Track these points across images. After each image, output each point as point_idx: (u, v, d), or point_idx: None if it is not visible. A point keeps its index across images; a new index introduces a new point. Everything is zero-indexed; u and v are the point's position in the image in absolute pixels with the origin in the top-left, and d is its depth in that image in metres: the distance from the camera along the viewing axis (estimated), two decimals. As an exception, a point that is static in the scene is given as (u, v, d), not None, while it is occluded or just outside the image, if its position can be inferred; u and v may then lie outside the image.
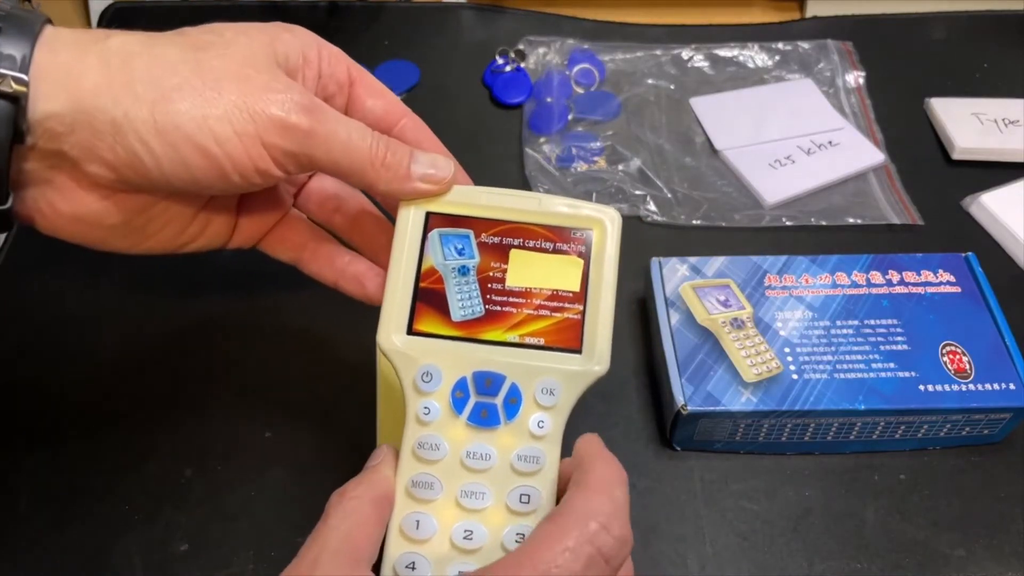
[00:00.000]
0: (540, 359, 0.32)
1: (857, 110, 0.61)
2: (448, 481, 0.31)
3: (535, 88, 0.62)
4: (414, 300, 0.32)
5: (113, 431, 0.44)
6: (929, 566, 0.40)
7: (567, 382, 0.31)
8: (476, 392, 0.31)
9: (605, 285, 0.33)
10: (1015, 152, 0.57)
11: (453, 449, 0.31)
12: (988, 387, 0.41)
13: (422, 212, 0.33)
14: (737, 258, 0.47)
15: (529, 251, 0.33)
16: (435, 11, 0.69)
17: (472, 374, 0.32)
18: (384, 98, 0.36)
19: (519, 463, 0.31)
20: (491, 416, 0.31)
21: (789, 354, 0.42)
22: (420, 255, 0.33)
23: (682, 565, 0.40)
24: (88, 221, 0.31)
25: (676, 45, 0.66)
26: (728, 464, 0.43)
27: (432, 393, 0.31)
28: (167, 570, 0.39)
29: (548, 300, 0.32)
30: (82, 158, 0.29)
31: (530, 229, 0.33)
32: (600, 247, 0.33)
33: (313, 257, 0.38)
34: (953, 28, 0.68)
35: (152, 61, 0.29)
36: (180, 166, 0.29)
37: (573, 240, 0.33)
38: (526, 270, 0.33)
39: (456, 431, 0.31)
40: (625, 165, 0.57)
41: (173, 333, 0.48)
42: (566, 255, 0.33)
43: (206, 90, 0.29)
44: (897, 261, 0.46)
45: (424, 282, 0.33)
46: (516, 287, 0.33)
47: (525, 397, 0.31)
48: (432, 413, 0.31)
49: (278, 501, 0.42)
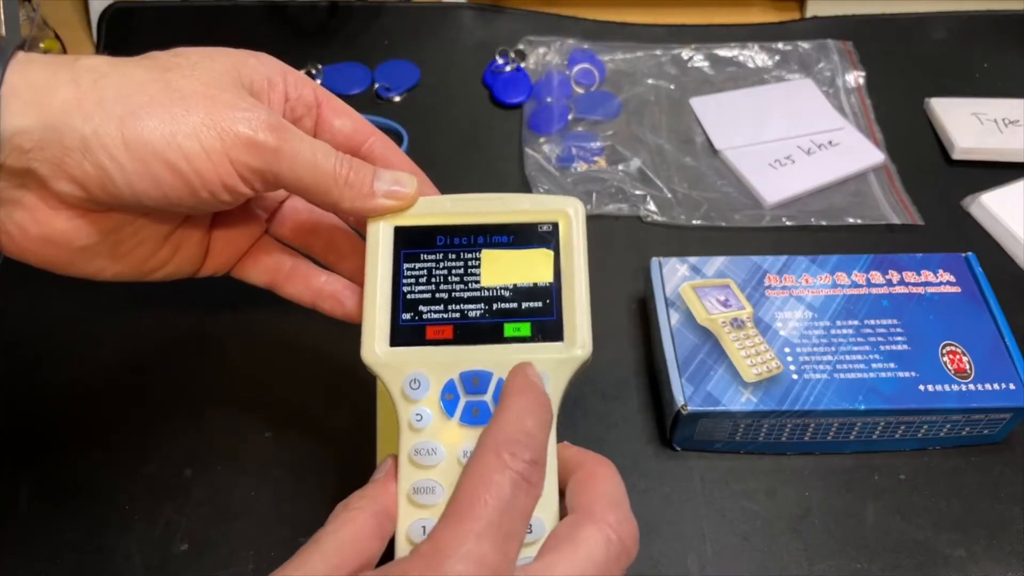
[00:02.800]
0: (524, 352, 0.32)
1: (857, 110, 0.61)
2: (449, 484, 0.31)
3: (535, 88, 0.62)
4: (393, 313, 0.33)
5: (113, 431, 0.44)
6: (929, 566, 0.40)
7: (553, 370, 0.32)
8: (465, 392, 0.32)
9: (577, 272, 0.33)
10: (1015, 152, 0.57)
11: (450, 451, 0.31)
12: (988, 387, 0.41)
13: (390, 227, 0.34)
14: (737, 258, 0.47)
15: (499, 249, 0.34)
16: (435, 11, 0.69)
17: (459, 375, 0.32)
18: (351, 117, 0.36)
19: None
20: (483, 413, 0.31)
21: (789, 354, 0.42)
22: (394, 267, 0.33)
23: (682, 565, 0.40)
24: (57, 242, 0.31)
25: (676, 45, 0.66)
26: (728, 464, 0.43)
27: (422, 400, 0.32)
28: (167, 570, 0.39)
29: (524, 294, 0.33)
30: (51, 175, 0.29)
31: (498, 228, 0.34)
32: (567, 236, 0.34)
33: (288, 279, 0.38)
34: (953, 28, 0.68)
35: (121, 80, 0.29)
36: (149, 182, 0.29)
37: (541, 234, 0.34)
38: (499, 268, 0.33)
39: (451, 433, 0.31)
40: (625, 165, 0.57)
41: (173, 333, 0.48)
42: (536, 248, 0.34)
43: (174, 107, 0.29)
44: (897, 261, 0.46)
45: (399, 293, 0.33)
46: (491, 285, 0.33)
47: None
48: (424, 419, 0.31)
49: (278, 501, 0.42)
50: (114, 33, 0.66)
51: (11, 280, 0.51)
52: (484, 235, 0.34)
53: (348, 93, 0.62)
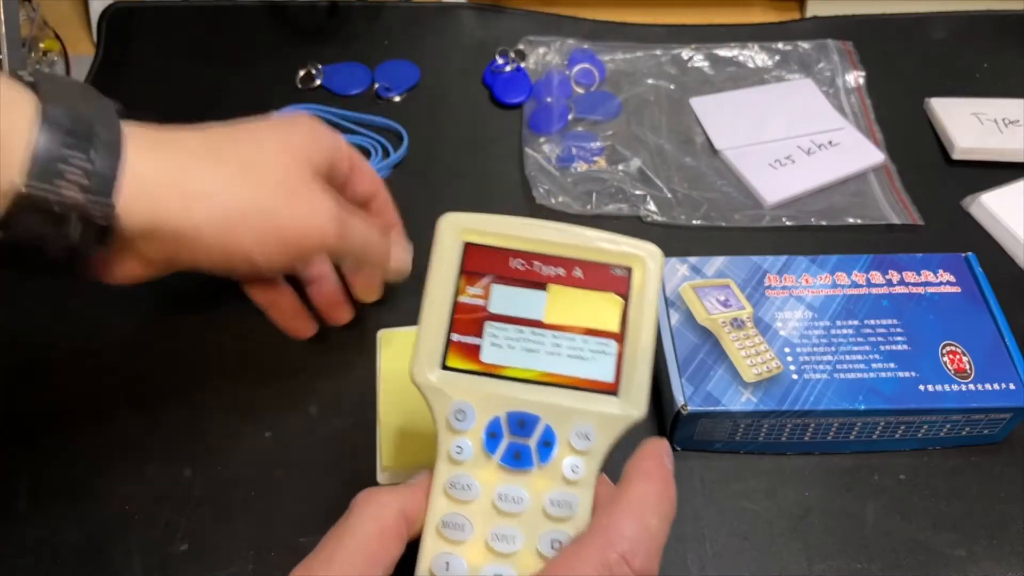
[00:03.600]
0: (575, 400, 0.31)
1: (857, 110, 0.61)
2: (479, 523, 0.30)
3: (535, 88, 0.62)
4: (448, 334, 0.32)
5: (113, 431, 0.44)
6: (929, 566, 0.40)
7: (603, 427, 0.30)
8: (510, 433, 0.31)
9: (645, 326, 0.31)
10: (1015, 152, 0.57)
11: (485, 490, 0.30)
12: (988, 387, 0.41)
13: (460, 243, 0.32)
14: (737, 258, 0.47)
15: (567, 286, 0.32)
16: (435, 11, 0.69)
17: (506, 414, 0.31)
18: (371, 181, 0.44)
19: (552, 508, 0.30)
20: (524, 458, 0.30)
21: (789, 354, 0.42)
22: (456, 286, 0.32)
23: (682, 565, 0.40)
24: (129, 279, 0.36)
25: (676, 45, 0.66)
26: (728, 464, 0.43)
27: (465, 432, 0.31)
28: (167, 570, 0.39)
29: (585, 338, 0.31)
30: (147, 250, 0.34)
31: (570, 262, 0.32)
32: (641, 285, 0.32)
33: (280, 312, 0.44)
34: (953, 28, 0.68)
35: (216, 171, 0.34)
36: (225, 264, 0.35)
37: (613, 277, 0.32)
38: (564, 306, 0.32)
39: (488, 472, 0.30)
40: (625, 165, 0.57)
41: (174, 333, 0.48)
42: (606, 292, 0.32)
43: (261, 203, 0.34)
44: (897, 261, 0.46)
45: (458, 315, 0.32)
46: (553, 323, 0.32)
47: (559, 440, 0.30)
48: (464, 452, 0.31)
49: (278, 501, 0.42)
50: (114, 33, 0.66)
51: (11, 281, 0.51)
52: (554, 267, 0.32)
53: (348, 93, 0.62)
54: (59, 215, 0.30)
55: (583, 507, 0.30)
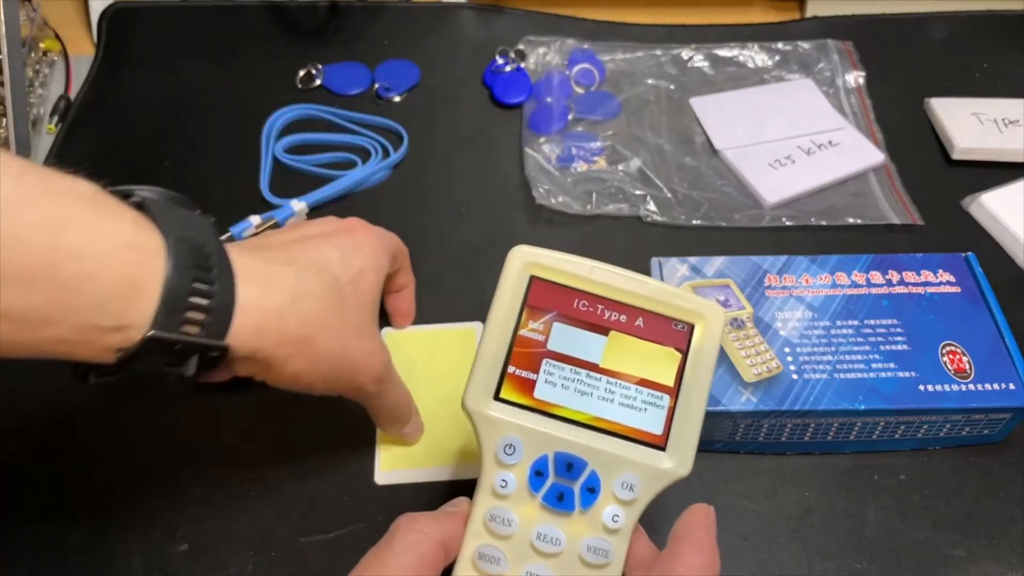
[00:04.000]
0: (623, 449, 0.31)
1: (857, 110, 0.61)
2: (514, 558, 0.30)
3: (535, 88, 0.62)
4: (505, 365, 0.32)
5: (113, 432, 0.44)
6: (929, 566, 0.40)
7: (647, 479, 0.31)
8: (555, 473, 0.31)
9: (700, 385, 0.32)
10: (1015, 152, 0.57)
11: (524, 527, 0.30)
12: (988, 387, 0.41)
13: (527, 276, 0.32)
14: (737, 258, 0.47)
15: (628, 334, 0.32)
16: (435, 11, 0.69)
17: (554, 454, 0.31)
18: (407, 275, 0.46)
19: (588, 554, 0.30)
20: (567, 500, 0.31)
21: (789, 354, 0.42)
22: (518, 319, 0.32)
23: (682, 565, 0.40)
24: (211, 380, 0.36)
25: (676, 45, 0.66)
26: (728, 464, 0.43)
27: (512, 466, 0.31)
28: (167, 570, 0.39)
29: (639, 388, 0.32)
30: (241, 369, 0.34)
31: (633, 311, 0.32)
32: (700, 343, 0.32)
33: None
34: (953, 28, 0.68)
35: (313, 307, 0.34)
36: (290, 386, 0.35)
37: (674, 332, 0.32)
38: (623, 354, 0.32)
39: (530, 509, 0.31)
40: (625, 165, 0.57)
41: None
42: (665, 346, 0.32)
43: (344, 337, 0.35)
44: (897, 261, 0.46)
45: (517, 348, 0.32)
46: (610, 369, 0.32)
47: (604, 487, 0.31)
48: (509, 487, 0.31)
49: (278, 501, 0.42)
50: (114, 33, 0.66)
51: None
52: (617, 313, 0.32)
53: (348, 93, 0.62)
54: (179, 353, 0.30)
55: (618, 556, 0.30)
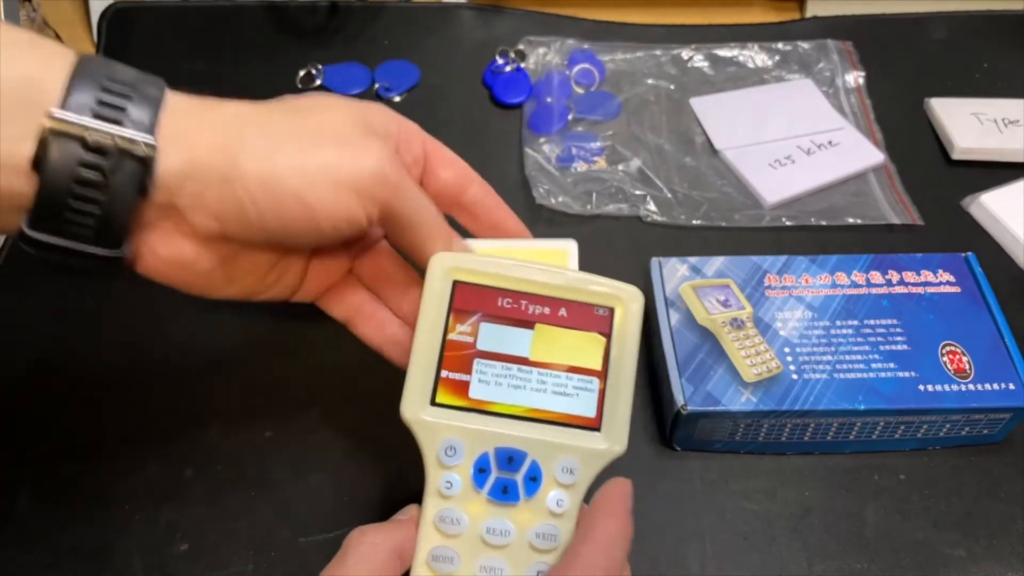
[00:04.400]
0: (560, 436, 0.32)
1: (857, 110, 0.61)
2: (467, 555, 0.31)
3: (535, 88, 0.62)
4: (438, 371, 0.33)
5: (113, 432, 0.44)
6: (929, 566, 0.40)
7: (586, 461, 0.32)
8: (497, 468, 0.32)
9: (626, 364, 0.33)
10: (1015, 152, 0.57)
11: (473, 524, 0.31)
12: (988, 387, 0.41)
13: (449, 281, 0.33)
14: (737, 258, 0.47)
15: (553, 325, 0.33)
16: (435, 11, 0.69)
17: (494, 450, 0.32)
18: (456, 167, 0.39)
19: (537, 540, 0.31)
20: (511, 492, 0.31)
21: (789, 354, 0.42)
22: (446, 324, 0.33)
23: (682, 565, 0.40)
24: (182, 265, 0.33)
25: (676, 45, 0.66)
26: (728, 464, 0.43)
27: (454, 467, 0.32)
28: (167, 570, 0.39)
29: (569, 375, 0.33)
30: (190, 208, 0.31)
31: (556, 302, 0.33)
32: (622, 325, 0.33)
33: (365, 320, 0.39)
34: (953, 28, 0.68)
35: (261, 122, 0.32)
36: (277, 215, 0.31)
37: (597, 317, 0.33)
38: (550, 345, 0.33)
39: (476, 506, 0.31)
40: (625, 165, 0.57)
41: (173, 334, 0.48)
42: (589, 332, 0.33)
43: (307, 147, 0.32)
44: (897, 261, 0.46)
45: (448, 352, 0.33)
46: (539, 361, 0.33)
47: (545, 475, 0.32)
48: (454, 487, 0.32)
49: (278, 501, 0.42)
50: (114, 33, 0.66)
51: (10, 282, 0.51)
52: (540, 306, 0.33)
53: (348, 93, 0.62)
54: (93, 148, 0.29)
55: (566, 538, 0.31)
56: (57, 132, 0.28)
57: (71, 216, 0.29)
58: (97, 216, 0.29)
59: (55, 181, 0.28)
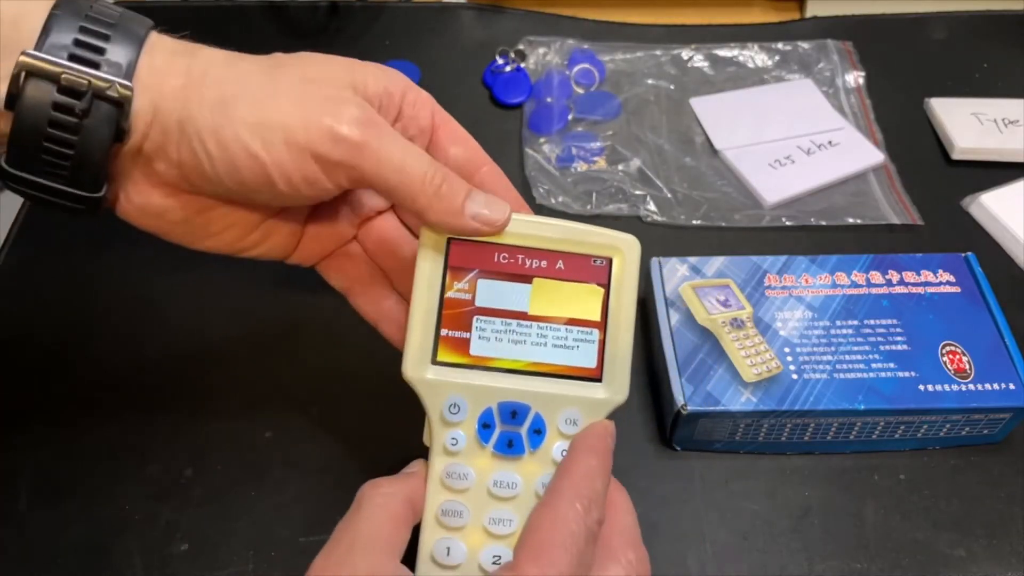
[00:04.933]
0: (562, 388, 0.32)
1: (857, 110, 0.61)
2: (476, 509, 0.31)
3: (535, 88, 0.62)
4: (437, 329, 0.32)
5: (113, 431, 0.44)
6: (929, 566, 0.40)
7: (588, 411, 0.32)
8: (501, 422, 0.32)
9: (625, 314, 0.33)
10: (1015, 152, 0.57)
11: (480, 478, 0.32)
12: (988, 387, 0.41)
13: (443, 240, 0.33)
14: (737, 258, 0.47)
15: (550, 278, 0.33)
16: (435, 11, 0.69)
17: (497, 405, 0.32)
18: (467, 145, 0.37)
19: (544, 491, 0.31)
20: (516, 446, 0.32)
21: (789, 354, 0.42)
22: (443, 283, 0.33)
23: (682, 565, 0.40)
24: (154, 214, 0.33)
25: (676, 45, 0.66)
26: (728, 464, 0.43)
27: (459, 424, 0.32)
28: (167, 570, 0.39)
29: (569, 328, 0.33)
30: (153, 155, 0.31)
31: (552, 255, 0.33)
32: (620, 275, 0.33)
33: (362, 292, 0.38)
34: (953, 28, 0.68)
35: (227, 71, 0.31)
36: (230, 168, 0.30)
37: (594, 268, 0.33)
38: (548, 299, 0.33)
39: (483, 460, 0.32)
40: (625, 165, 0.57)
41: (173, 333, 0.48)
42: (587, 283, 0.33)
43: (266, 99, 0.30)
44: (897, 261, 0.46)
45: (447, 310, 0.33)
46: (538, 315, 0.33)
47: (549, 427, 0.32)
48: (459, 443, 0.32)
49: (278, 501, 0.42)
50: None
51: (11, 282, 0.51)
52: (537, 260, 0.33)
53: (348, 93, 0.62)
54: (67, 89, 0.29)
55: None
56: (31, 72, 0.28)
57: (46, 156, 0.29)
58: (71, 157, 0.29)
59: (29, 121, 0.29)
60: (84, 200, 0.31)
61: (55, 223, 0.54)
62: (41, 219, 0.54)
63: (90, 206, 0.31)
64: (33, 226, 0.54)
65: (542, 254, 0.33)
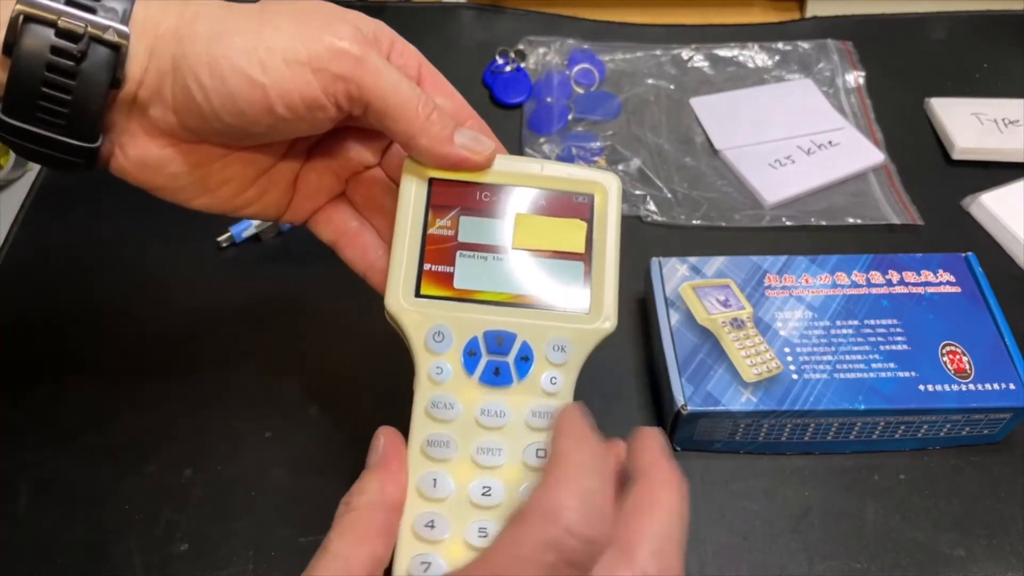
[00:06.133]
0: (549, 317, 0.32)
1: (857, 110, 0.61)
2: (463, 439, 0.31)
3: (535, 88, 0.62)
4: (420, 264, 0.32)
5: (113, 431, 0.44)
6: (929, 566, 0.40)
7: (577, 339, 0.32)
8: (488, 351, 0.32)
9: (608, 246, 0.33)
10: (1015, 152, 0.57)
11: (467, 408, 0.31)
12: (988, 387, 0.41)
13: (425, 178, 0.33)
14: (737, 258, 0.47)
15: (533, 215, 0.33)
16: (435, 11, 0.69)
17: (483, 333, 0.32)
18: (452, 99, 0.36)
19: (533, 419, 0.31)
20: (504, 374, 0.31)
21: (789, 354, 0.42)
22: (425, 220, 0.33)
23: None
24: (151, 167, 0.33)
25: (676, 45, 0.66)
26: (728, 464, 0.43)
27: (444, 353, 0.32)
28: (167, 570, 0.39)
29: (553, 260, 0.33)
30: (149, 101, 0.31)
31: (534, 193, 0.33)
32: (602, 210, 0.33)
33: (350, 244, 0.38)
34: (953, 28, 0.68)
35: (220, 11, 0.31)
36: (226, 100, 0.30)
37: (576, 204, 0.33)
38: (531, 233, 0.33)
39: (469, 391, 0.31)
40: (625, 165, 0.57)
41: (174, 334, 0.48)
42: (570, 218, 0.33)
43: (262, 27, 0.30)
44: (897, 261, 0.46)
45: (429, 246, 0.33)
46: (522, 248, 0.33)
47: (536, 355, 0.32)
48: (444, 373, 0.31)
49: (278, 501, 0.42)
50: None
51: (11, 281, 0.51)
52: (519, 198, 0.33)
53: (348, 93, 0.62)
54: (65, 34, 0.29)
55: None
56: (29, 17, 0.28)
57: (44, 103, 0.29)
58: (69, 103, 0.30)
59: (27, 66, 0.29)
60: (81, 151, 0.31)
61: (54, 223, 0.54)
62: (41, 219, 0.54)
63: (87, 158, 0.31)
64: (33, 226, 0.54)
65: (524, 192, 0.33)
